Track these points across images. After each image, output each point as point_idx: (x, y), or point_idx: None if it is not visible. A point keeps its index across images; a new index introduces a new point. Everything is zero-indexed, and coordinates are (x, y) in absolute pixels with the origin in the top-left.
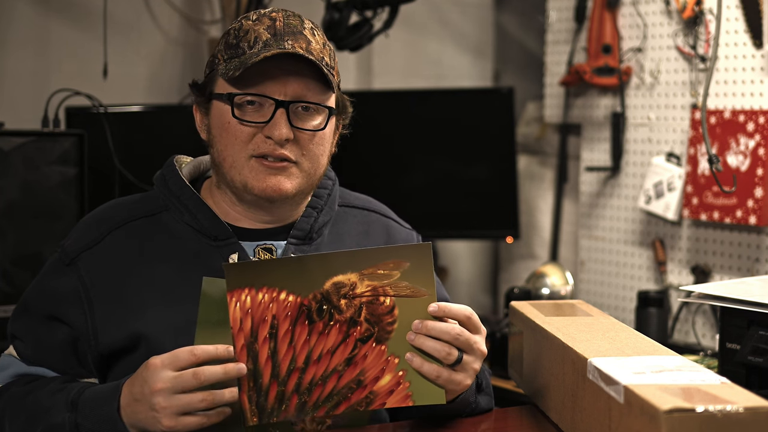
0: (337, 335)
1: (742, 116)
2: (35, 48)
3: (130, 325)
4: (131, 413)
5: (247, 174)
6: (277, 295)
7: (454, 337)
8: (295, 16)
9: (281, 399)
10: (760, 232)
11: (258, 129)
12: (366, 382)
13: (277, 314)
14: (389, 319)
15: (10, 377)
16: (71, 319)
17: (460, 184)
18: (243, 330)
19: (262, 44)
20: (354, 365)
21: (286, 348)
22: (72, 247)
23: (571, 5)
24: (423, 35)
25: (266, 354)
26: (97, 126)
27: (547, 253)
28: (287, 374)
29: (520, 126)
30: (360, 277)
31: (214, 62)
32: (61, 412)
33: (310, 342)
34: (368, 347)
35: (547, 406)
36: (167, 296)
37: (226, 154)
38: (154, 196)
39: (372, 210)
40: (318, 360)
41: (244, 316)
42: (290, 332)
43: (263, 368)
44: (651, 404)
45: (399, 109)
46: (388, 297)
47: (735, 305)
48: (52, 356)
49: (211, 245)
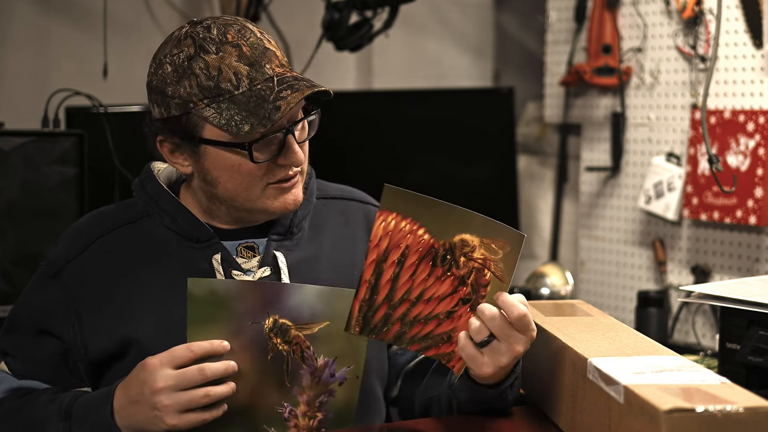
0: (449, 287)
1: (742, 116)
2: (35, 48)
3: (119, 331)
4: (127, 416)
5: (265, 200)
6: (416, 229)
7: (488, 318)
8: (244, 28)
9: (386, 320)
10: (760, 232)
11: (272, 161)
12: (453, 341)
13: (410, 246)
14: (483, 292)
15: (3, 392)
16: (60, 331)
17: (460, 184)
18: (378, 247)
19: (247, 80)
20: (451, 320)
21: (407, 278)
22: (56, 260)
23: (571, 5)
24: (423, 35)
25: (389, 276)
26: (97, 126)
27: (547, 253)
28: (399, 302)
29: (520, 126)
30: (481, 243)
31: (187, 106)
32: (55, 423)
33: (427, 282)
34: (464, 309)
35: (547, 406)
36: (153, 300)
37: (240, 191)
38: (134, 203)
39: (350, 198)
40: (428, 301)
41: (384, 236)
42: (415, 266)
43: (382, 287)
44: (651, 404)
45: (399, 109)
46: (489, 272)
47: (735, 305)
48: (44, 369)
49: (193, 247)
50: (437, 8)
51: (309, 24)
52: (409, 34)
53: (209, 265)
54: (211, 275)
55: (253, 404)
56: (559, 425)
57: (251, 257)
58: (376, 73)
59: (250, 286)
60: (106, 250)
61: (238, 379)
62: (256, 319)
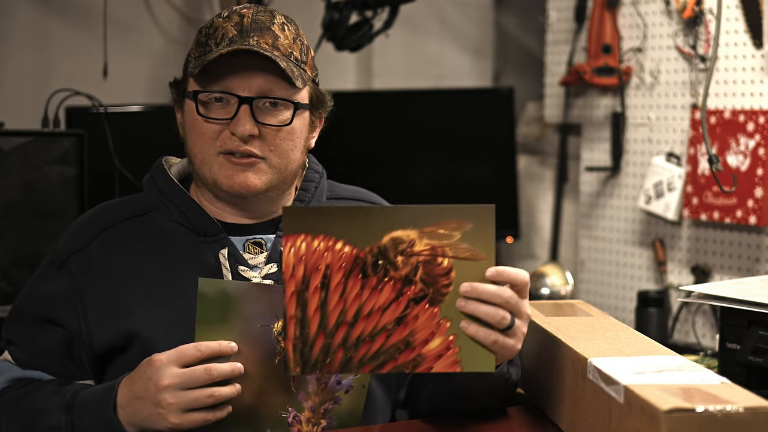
0: (390, 292)
1: (742, 116)
2: (35, 48)
3: (123, 324)
4: (131, 412)
5: (216, 171)
6: (333, 245)
7: (506, 300)
8: (266, 11)
9: (327, 351)
10: (760, 232)
11: (224, 125)
12: (415, 344)
13: (330, 264)
14: (445, 281)
15: (6, 382)
16: (65, 321)
17: (460, 184)
18: (294, 277)
19: (227, 41)
20: (404, 325)
21: (337, 300)
22: (63, 250)
23: (571, 5)
24: (423, 35)
25: (316, 304)
26: (97, 126)
27: (547, 253)
28: (335, 327)
29: (520, 126)
30: (420, 234)
31: (187, 60)
32: (56, 414)
33: (361, 297)
34: (420, 308)
35: (547, 406)
36: (159, 294)
37: (196, 151)
38: (143, 197)
39: (360, 199)
40: (368, 316)
41: (297, 263)
42: (342, 284)
43: (311, 318)
44: (651, 404)
45: (399, 109)
46: (447, 258)
47: (735, 305)
48: (47, 359)
49: (201, 241)
50: (437, 8)
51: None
52: (409, 34)
53: (216, 259)
54: (217, 270)
55: (258, 407)
56: (559, 425)
57: (258, 253)
58: (376, 73)
59: (261, 288)
60: (113, 243)
61: (243, 381)
62: (265, 322)
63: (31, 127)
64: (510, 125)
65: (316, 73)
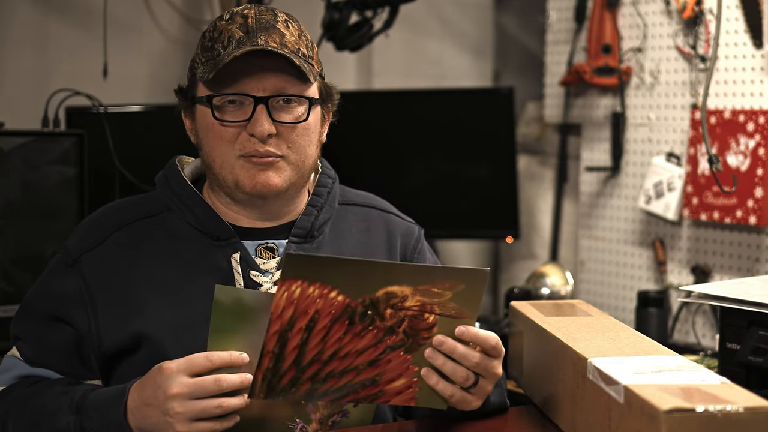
0: (370, 339)
1: (742, 116)
2: (35, 48)
3: (133, 325)
4: (140, 418)
5: (238, 173)
6: (327, 293)
7: (474, 364)
8: (268, 10)
9: (294, 383)
10: (760, 232)
11: (241, 128)
12: (380, 382)
13: (320, 310)
14: (425, 335)
15: (14, 379)
16: (74, 320)
17: (460, 184)
18: (281, 318)
19: (235, 43)
20: (375, 367)
21: (317, 341)
22: (74, 249)
23: (571, 5)
24: (423, 35)
25: (296, 343)
26: (97, 126)
27: (547, 253)
28: (308, 364)
29: (520, 126)
30: (414, 291)
31: (193, 66)
32: (65, 416)
33: (342, 341)
34: (394, 354)
35: (547, 406)
36: (169, 296)
37: (215, 156)
38: (156, 197)
39: (372, 206)
40: (344, 357)
41: (287, 306)
42: (327, 329)
43: (288, 354)
44: (651, 404)
45: (399, 109)
46: (433, 315)
47: (735, 305)
48: (55, 357)
49: (213, 245)
50: (437, 8)
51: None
52: (409, 34)
53: (228, 263)
54: (229, 274)
55: (266, 418)
56: (559, 425)
57: (270, 258)
58: (376, 73)
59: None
60: (124, 243)
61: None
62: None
63: (31, 127)
64: (510, 125)
65: (322, 67)
